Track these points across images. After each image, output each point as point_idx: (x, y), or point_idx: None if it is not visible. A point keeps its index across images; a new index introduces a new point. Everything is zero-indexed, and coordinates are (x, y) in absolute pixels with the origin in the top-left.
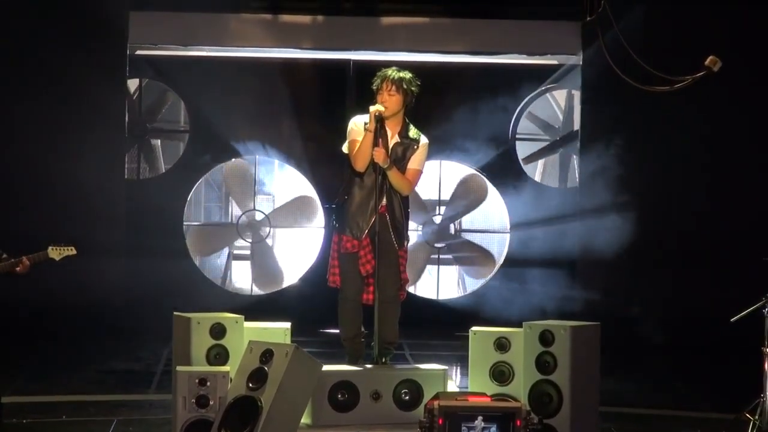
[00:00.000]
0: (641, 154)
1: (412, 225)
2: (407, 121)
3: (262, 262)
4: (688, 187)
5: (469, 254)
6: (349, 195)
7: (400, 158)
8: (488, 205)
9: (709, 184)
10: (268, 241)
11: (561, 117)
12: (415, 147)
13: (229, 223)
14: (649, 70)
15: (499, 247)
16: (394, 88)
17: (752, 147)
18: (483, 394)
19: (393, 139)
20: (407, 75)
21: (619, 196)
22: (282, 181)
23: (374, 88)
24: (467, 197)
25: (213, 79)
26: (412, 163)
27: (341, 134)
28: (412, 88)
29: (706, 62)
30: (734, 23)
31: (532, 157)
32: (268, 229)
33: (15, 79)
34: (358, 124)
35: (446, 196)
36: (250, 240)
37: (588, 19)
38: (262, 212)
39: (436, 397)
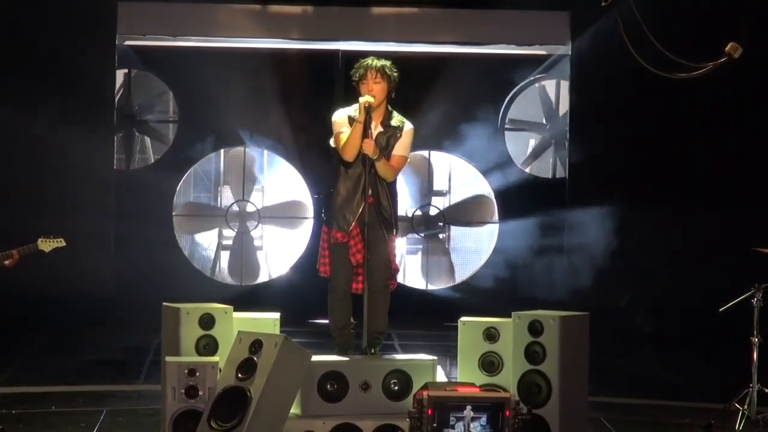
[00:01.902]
0: (630, 143)
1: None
2: (390, 109)
3: (243, 253)
4: (678, 177)
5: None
6: (335, 188)
7: (384, 147)
8: (476, 194)
9: (699, 175)
10: (254, 233)
11: (550, 107)
12: (399, 134)
13: (219, 209)
14: (670, 56)
15: (488, 237)
16: (379, 75)
17: (743, 137)
18: (472, 385)
19: (376, 128)
20: (387, 62)
21: (608, 186)
22: (270, 170)
23: (356, 79)
24: (473, 215)
25: (202, 69)
26: (397, 150)
27: (331, 125)
28: (395, 74)
29: (727, 48)
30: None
31: (520, 147)
32: (256, 221)
33: (3, 69)
34: (341, 117)
35: (437, 185)
36: (235, 230)
37: (603, 4)
38: (253, 204)
39: (425, 387)
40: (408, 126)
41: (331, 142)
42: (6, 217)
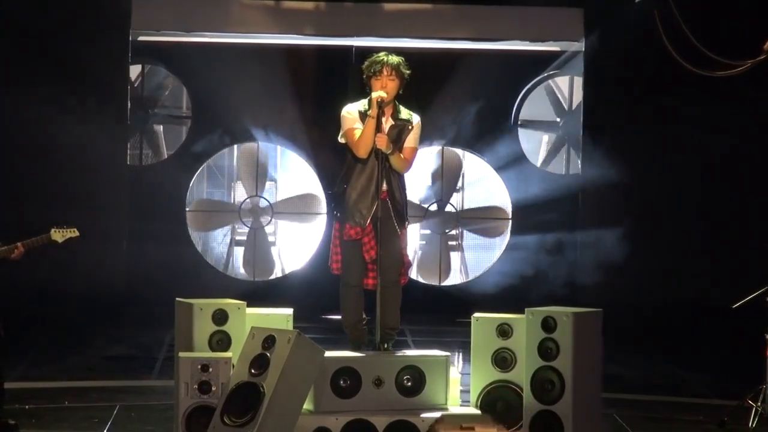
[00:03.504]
0: (643, 139)
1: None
2: (397, 103)
3: (257, 248)
4: (690, 172)
5: (481, 225)
6: (348, 183)
7: (395, 140)
8: (489, 190)
9: (711, 170)
10: (267, 228)
11: (563, 103)
12: (410, 127)
13: (232, 205)
14: (709, 55)
15: (501, 232)
16: (394, 73)
17: (754, 133)
18: (488, 423)
19: (387, 122)
20: (402, 60)
21: (621, 181)
22: (284, 166)
23: (371, 74)
24: (446, 174)
25: (215, 65)
26: (409, 142)
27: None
28: (408, 72)
29: (765, 46)
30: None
31: (534, 143)
32: (269, 217)
33: (18, 64)
34: (351, 112)
35: (449, 181)
36: (249, 225)
37: (637, 0)
38: (267, 200)
39: (441, 420)
40: (416, 119)
41: (341, 138)
42: (19, 212)
